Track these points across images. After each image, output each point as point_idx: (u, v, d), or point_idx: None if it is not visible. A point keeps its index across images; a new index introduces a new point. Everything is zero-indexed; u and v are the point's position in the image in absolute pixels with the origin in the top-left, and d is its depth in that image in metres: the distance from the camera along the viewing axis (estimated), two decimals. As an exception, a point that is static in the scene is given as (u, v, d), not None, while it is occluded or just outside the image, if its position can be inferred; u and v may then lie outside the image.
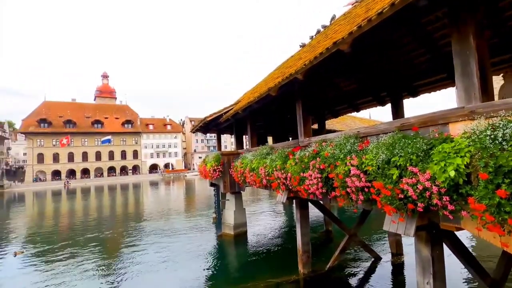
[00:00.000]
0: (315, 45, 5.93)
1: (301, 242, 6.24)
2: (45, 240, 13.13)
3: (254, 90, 9.36)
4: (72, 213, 22.51)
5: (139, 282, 7.13)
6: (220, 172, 9.68)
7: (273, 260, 8.17)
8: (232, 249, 9.59)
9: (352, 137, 4.16)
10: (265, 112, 8.36)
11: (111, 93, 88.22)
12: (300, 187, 5.12)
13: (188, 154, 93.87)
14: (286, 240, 10.39)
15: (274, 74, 8.31)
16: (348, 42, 3.51)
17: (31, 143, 66.95)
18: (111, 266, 8.49)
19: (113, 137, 71.72)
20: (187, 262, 8.30)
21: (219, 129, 12.63)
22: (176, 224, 13.84)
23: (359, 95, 7.92)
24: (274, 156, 6.19)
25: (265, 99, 6.44)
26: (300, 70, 4.63)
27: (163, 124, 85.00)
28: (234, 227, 10.18)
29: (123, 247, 10.57)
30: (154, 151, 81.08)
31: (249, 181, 7.72)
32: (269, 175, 6.26)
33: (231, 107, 9.85)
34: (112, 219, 18.63)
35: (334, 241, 9.21)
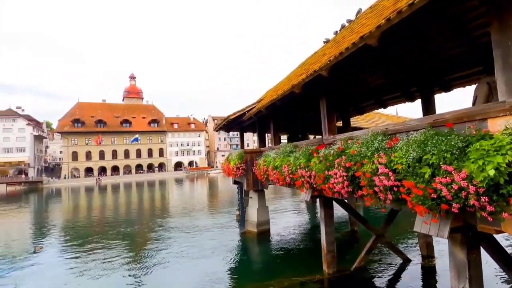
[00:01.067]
0: (340, 40, 5.78)
1: (326, 242, 6.14)
2: (78, 233, 13.95)
3: (277, 87, 9.32)
4: (103, 208, 23.72)
5: (164, 275, 7.38)
6: (243, 170, 9.75)
7: (297, 258, 8.12)
8: (255, 246, 9.65)
9: (380, 134, 4.01)
10: (288, 109, 8.30)
11: (138, 93, 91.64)
12: (324, 186, 5.03)
13: (211, 152, 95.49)
14: (310, 238, 10.28)
15: (297, 71, 8.22)
16: (376, 36, 3.39)
17: (66, 142, 71.28)
18: (138, 259, 8.85)
19: (140, 136, 74.60)
20: (211, 258, 8.46)
21: (242, 127, 12.72)
22: (200, 221, 14.15)
23: (387, 90, 7.63)
24: (298, 154, 6.13)
25: (289, 97, 6.38)
26: (324, 67, 4.54)
27: (187, 123, 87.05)
28: (257, 224, 10.23)
29: (149, 241, 10.99)
30: (178, 149, 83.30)
31: (272, 179, 7.71)
32: (292, 173, 6.22)
33: (253, 105, 9.88)
34: (139, 214, 19.40)
35: (360, 241, 8.98)
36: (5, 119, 69.31)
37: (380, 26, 3.21)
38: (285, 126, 12.20)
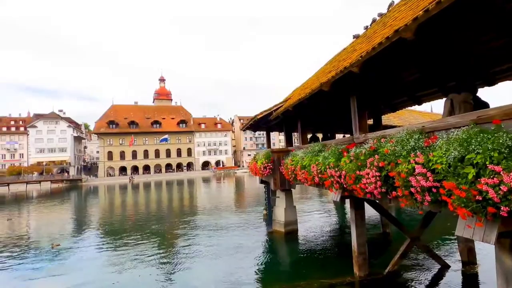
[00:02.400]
0: (372, 35, 5.57)
1: (357, 243, 5.96)
2: (113, 228, 14.76)
3: (305, 86, 9.20)
4: (136, 205, 24.88)
5: (192, 272, 7.55)
6: (270, 169, 9.74)
7: (326, 260, 7.96)
8: (282, 246, 9.60)
9: (416, 132, 3.81)
10: (316, 108, 8.15)
11: (167, 95, 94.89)
12: (355, 186, 4.89)
13: (237, 152, 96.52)
14: (339, 240, 10.04)
15: (326, 69, 8.05)
16: (413, 28, 3.22)
17: (102, 142, 75.66)
18: (167, 255, 9.15)
19: (169, 136, 77.23)
20: (238, 256, 8.54)
21: (268, 126, 12.71)
22: (227, 219, 14.34)
23: (422, 86, 7.23)
24: (327, 153, 6.00)
25: (317, 95, 6.27)
26: (355, 63, 4.40)
27: (214, 123, 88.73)
28: (284, 224, 10.17)
29: (178, 238, 11.34)
30: (206, 149, 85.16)
31: (300, 179, 7.63)
32: (321, 173, 6.11)
33: (280, 105, 9.83)
34: (169, 212, 20.11)
35: (392, 244, 8.61)
36: (49, 121, 75.08)
37: (417, 18, 3.05)
38: (313, 125, 12.00)
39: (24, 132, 72.56)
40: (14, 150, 71.48)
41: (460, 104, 4.61)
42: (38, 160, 71.36)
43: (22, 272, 8.33)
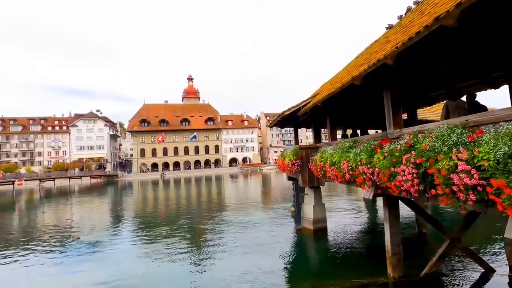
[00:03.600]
0: (407, 24, 5.28)
1: (391, 243, 5.72)
2: (146, 221, 15.48)
3: (334, 80, 8.94)
4: (167, 200, 25.88)
5: (220, 267, 7.65)
6: (298, 166, 9.64)
7: (356, 259, 7.75)
8: (312, 244, 9.49)
9: (459, 126, 3.56)
10: (346, 103, 7.90)
11: (196, 93, 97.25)
12: (390, 184, 4.68)
13: (264, 149, 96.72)
14: (370, 239, 9.72)
15: (357, 62, 7.77)
16: (455, 15, 2.99)
17: (136, 140, 79.44)
18: (195, 249, 9.40)
19: (198, 134, 79.27)
20: (266, 252, 8.55)
21: (296, 123, 12.56)
22: (254, 215, 14.45)
23: (462, 77, 6.73)
24: (359, 149, 5.81)
25: (348, 90, 6.07)
26: (390, 55, 4.19)
27: (240, 120, 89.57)
28: (313, 222, 10.03)
29: (207, 233, 11.60)
30: (233, 146, 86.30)
31: (329, 176, 7.47)
32: (352, 170, 5.93)
33: (308, 100, 9.66)
34: (198, 207, 20.68)
35: (429, 245, 8.18)
36: (88, 121, 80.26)
37: (461, 3, 2.82)
38: (342, 121, 11.67)
39: (67, 131, 78.25)
40: (58, 148, 77.41)
41: (455, 110, 5.17)
42: (79, 157, 76.70)
43: (59, 261, 9.03)
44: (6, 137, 74.97)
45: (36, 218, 19.20)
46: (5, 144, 74.84)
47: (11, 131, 75.50)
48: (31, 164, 74.46)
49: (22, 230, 15.14)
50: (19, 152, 75.46)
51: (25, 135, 76.17)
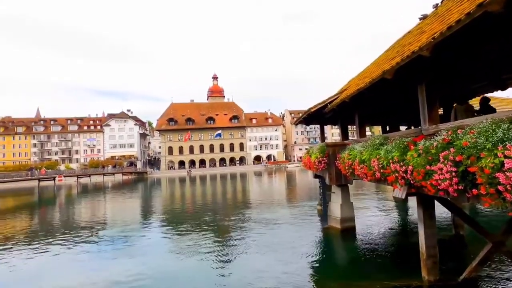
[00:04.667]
0: (444, 13, 4.95)
1: (426, 245, 5.44)
2: (173, 216, 15.99)
3: (363, 75, 8.64)
4: (194, 196, 26.55)
5: (245, 264, 7.69)
6: (325, 164, 9.45)
7: (387, 260, 7.46)
8: (339, 243, 9.28)
9: (505, 121, 3.29)
10: (376, 99, 7.60)
11: (220, 92, 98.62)
12: (425, 182, 4.44)
13: (288, 146, 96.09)
14: (402, 240, 9.33)
15: (387, 55, 7.43)
16: (501, 0, 2.75)
17: (164, 138, 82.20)
18: (222, 245, 9.49)
19: (222, 132, 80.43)
20: (292, 250, 8.46)
21: (322, 120, 12.30)
22: (279, 213, 14.38)
23: (508, 67, 6.21)
24: (390, 146, 5.57)
25: (378, 85, 5.82)
26: (426, 46, 3.95)
27: (264, 118, 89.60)
28: (341, 221, 9.80)
29: (232, 229, 11.69)
30: (257, 144, 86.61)
31: (358, 174, 7.25)
32: (383, 168, 5.70)
33: (336, 96, 9.41)
34: (223, 203, 21.00)
35: (468, 248, 7.67)
36: (119, 120, 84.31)
37: (509, -14, 2.59)
38: (371, 117, 11.26)
39: (100, 130, 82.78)
40: (93, 146, 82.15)
41: (463, 113, 5.31)
42: (111, 155, 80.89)
43: (91, 254, 9.58)
44: (48, 136, 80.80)
45: (74, 211, 20.54)
46: (47, 143, 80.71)
47: (52, 131, 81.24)
48: (70, 162, 79.71)
49: (62, 222, 16.27)
50: (59, 150, 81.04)
51: (64, 134, 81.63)
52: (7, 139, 78.48)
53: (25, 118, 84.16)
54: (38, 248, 10.25)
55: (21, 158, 77.98)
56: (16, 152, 78.73)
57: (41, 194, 35.15)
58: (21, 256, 9.45)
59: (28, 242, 11.33)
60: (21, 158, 77.93)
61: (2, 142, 78.18)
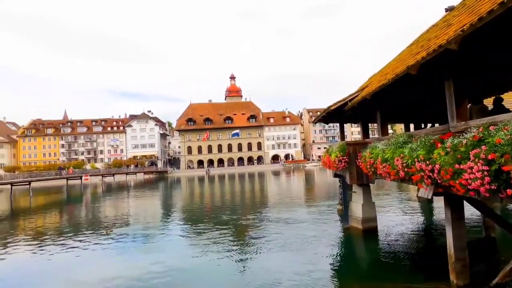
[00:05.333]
0: (473, 4, 4.70)
1: (454, 248, 5.20)
2: (193, 214, 16.27)
3: (385, 71, 8.38)
4: (212, 195, 26.90)
5: (264, 263, 7.62)
6: (345, 163, 9.27)
7: (412, 262, 7.22)
8: (361, 244, 9.07)
9: (544, 116, 3.07)
10: (399, 96, 7.36)
11: (238, 92, 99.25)
12: (454, 182, 4.24)
13: (306, 145, 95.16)
14: (428, 241, 8.99)
15: (411, 50, 7.17)
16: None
17: (183, 138, 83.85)
18: (240, 244, 9.52)
19: (240, 131, 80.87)
20: (312, 251, 8.35)
21: (342, 118, 12.06)
22: (298, 213, 14.25)
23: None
24: (415, 144, 5.36)
25: (401, 81, 5.63)
26: (454, 39, 3.77)
27: (282, 116, 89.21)
28: (362, 221, 9.57)
29: (249, 229, 11.66)
30: (275, 143, 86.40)
31: (381, 173, 7.03)
32: (408, 167, 5.50)
33: (356, 94, 9.20)
34: (241, 202, 21.13)
35: (500, 252, 7.27)
36: (141, 121, 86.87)
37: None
38: (394, 115, 10.92)
39: (123, 131, 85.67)
40: (116, 146, 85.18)
41: (478, 114, 5.32)
42: (133, 154, 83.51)
43: (115, 250, 9.91)
44: (75, 137, 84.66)
45: (100, 209, 21.40)
46: (74, 144, 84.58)
47: (78, 132, 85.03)
48: (95, 161, 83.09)
49: (88, 219, 17.02)
50: (85, 150, 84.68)
51: (89, 135, 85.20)
52: (38, 140, 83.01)
53: (54, 120, 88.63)
54: (66, 244, 10.78)
55: (50, 158, 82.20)
56: (46, 152, 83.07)
57: (69, 192, 36.90)
58: (52, 250, 10.01)
59: (57, 238, 11.94)
60: (51, 158, 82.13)
61: (33, 143, 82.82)
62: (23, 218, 19.02)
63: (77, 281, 7.30)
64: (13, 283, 7.40)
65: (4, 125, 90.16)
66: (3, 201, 30.02)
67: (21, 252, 10.22)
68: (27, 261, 9.16)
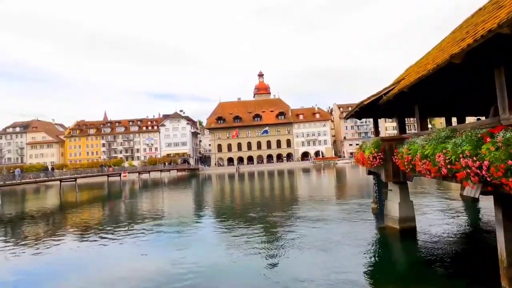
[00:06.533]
0: (529, -18, 4.22)
1: (506, 251, 4.75)
2: (223, 211, 16.57)
3: (424, 62, 7.85)
4: (242, 192, 27.24)
5: (293, 263, 7.49)
6: (380, 160, 8.86)
7: (456, 267, 6.72)
8: (398, 245, 8.64)
9: None
10: (440, 88, 6.86)
11: (266, 89, 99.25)
12: (506, 180, 3.87)
13: (337, 142, 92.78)
14: (473, 244, 8.35)
15: (454, 37, 6.63)
16: None
17: (213, 136, 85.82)
18: (270, 242, 9.44)
19: (269, 128, 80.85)
20: (345, 250, 8.10)
21: (376, 113, 11.55)
22: (330, 212, 13.92)
23: None
24: (459, 139, 4.97)
25: (443, 71, 5.24)
26: (506, 22, 3.41)
27: (312, 113, 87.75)
28: (399, 220, 9.10)
29: (279, 226, 11.56)
30: (304, 140, 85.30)
31: (420, 170, 6.63)
32: (451, 163, 5.11)
33: (392, 87, 8.73)
34: (271, 200, 21.13)
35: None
36: (173, 120, 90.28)
37: None
38: (434, 108, 10.23)
39: (157, 130, 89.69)
40: (151, 145, 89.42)
41: None
42: (167, 153, 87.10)
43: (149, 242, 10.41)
44: (114, 137, 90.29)
45: (137, 204, 22.61)
46: (113, 143, 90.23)
47: (117, 132, 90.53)
48: (132, 159, 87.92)
49: (126, 213, 18.08)
50: (123, 149, 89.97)
51: (126, 135, 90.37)
52: (82, 140, 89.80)
53: (95, 121, 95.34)
54: (106, 236, 11.57)
55: (93, 157, 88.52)
56: (89, 151, 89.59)
57: (110, 188, 39.49)
58: (94, 241, 10.85)
59: (100, 230, 12.85)
60: (93, 157, 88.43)
61: (78, 143, 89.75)
62: (71, 211, 20.73)
63: (113, 270, 7.89)
64: (58, 270, 8.14)
65: (53, 126, 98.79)
66: (54, 196, 32.89)
67: (69, 242, 11.23)
68: (72, 250, 10.01)
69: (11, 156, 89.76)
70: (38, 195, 36.39)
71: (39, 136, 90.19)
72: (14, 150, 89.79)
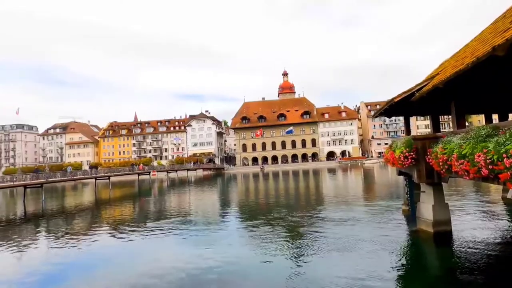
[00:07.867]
0: None
1: (557, 260, 4.34)
2: (248, 210, 16.66)
3: (461, 55, 7.36)
4: (267, 192, 27.22)
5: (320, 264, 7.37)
6: (412, 159, 8.45)
7: (496, 274, 6.26)
8: (431, 250, 8.19)
9: None
10: (479, 83, 6.42)
11: (291, 88, 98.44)
12: (558, 182, 3.54)
13: (365, 141, 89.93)
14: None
15: (496, 27, 6.16)
16: None
17: (238, 136, 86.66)
18: (295, 242, 9.31)
19: (294, 128, 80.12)
20: (374, 253, 7.78)
21: (407, 111, 11.05)
22: (358, 213, 13.47)
23: None
24: (503, 138, 4.62)
25: (484, 65, 4.89)
26: (559, 9, 3.11)
27: (337, 112, 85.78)
28: (433, 224, 8.62)
29: (305, 227, 11.37)
30: (330, 139, 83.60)
31: (457, 170, 6.24)
32: (493, 164, 4.77)
33: (425, 83, 8.28)
34: (296, 200, 20.92)
35: None
36: (199, 121, 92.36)
37: None
38: (472, 104, 9.60)
39: (184, 130, 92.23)
40: (178, 145, 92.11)
41: None
42: (193, 152, 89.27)
43: (176, 239, 10.70)
44: (143, 137, 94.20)
45: (165, 202, 23.42)
46: (143, 143, 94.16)
47: (146, 132, 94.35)
48: (160, 158, 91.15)
49: (155, 211, 18.82)
50: (152, 149, 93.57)
51: (155, 135, 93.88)
52: (115, 140, 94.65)
53: (127, 122, 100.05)
54: (138, 231, 12.14)
55: (124, 156, 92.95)
56: (121, 150, 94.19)
57: (140, 186, 41.26)
58: (126, 237, 11.45)
59: (131, 225, 13.50)
60: (124, 156, 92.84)
61: (111, 143, 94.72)
62: (106, 207, 21.97)
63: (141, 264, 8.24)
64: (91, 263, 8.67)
65: (89, 127, 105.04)
66: (89, 193, 34.99)
67: (103, 236, 11.93)
68: (105, 244, 10.69)
69: (52, 156, 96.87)
70: (76, 192, 38.89)
71: (77, 136, 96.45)
72: (55, 150, 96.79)
